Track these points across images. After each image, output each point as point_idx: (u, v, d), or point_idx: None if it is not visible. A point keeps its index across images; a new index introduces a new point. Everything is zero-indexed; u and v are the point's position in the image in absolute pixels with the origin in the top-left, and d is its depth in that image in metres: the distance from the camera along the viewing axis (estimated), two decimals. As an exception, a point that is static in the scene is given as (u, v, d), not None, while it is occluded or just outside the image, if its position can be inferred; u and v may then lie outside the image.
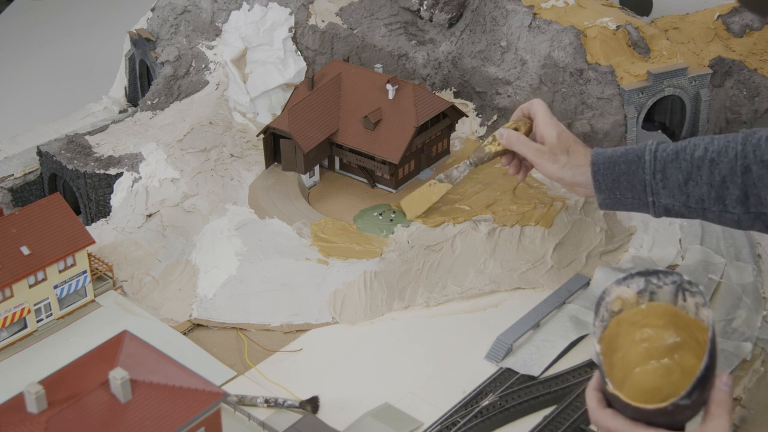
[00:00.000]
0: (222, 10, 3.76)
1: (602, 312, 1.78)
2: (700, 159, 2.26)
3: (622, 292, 1.79)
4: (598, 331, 1.77)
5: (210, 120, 3.49)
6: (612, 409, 1.73)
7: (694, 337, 1.73)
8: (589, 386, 1.78)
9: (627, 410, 1.69)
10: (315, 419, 2.40)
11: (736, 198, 2.22)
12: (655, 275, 1.78)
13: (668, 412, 1.64)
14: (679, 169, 2.29)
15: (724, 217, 2.27)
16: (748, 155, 2.18)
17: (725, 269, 2.89)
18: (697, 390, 1.62)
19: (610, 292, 1.79)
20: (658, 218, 2.45)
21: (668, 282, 1.76)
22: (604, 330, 1.77)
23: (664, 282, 1.77)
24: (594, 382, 1.78)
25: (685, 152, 2.29)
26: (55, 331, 2.73)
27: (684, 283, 1.75)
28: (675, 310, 1.76)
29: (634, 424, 1.69)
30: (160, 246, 3.06)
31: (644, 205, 2.38)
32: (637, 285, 1.79)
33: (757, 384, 2.53)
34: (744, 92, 3.49)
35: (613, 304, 1.79)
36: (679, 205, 2.32)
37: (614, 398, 1.71)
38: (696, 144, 2.29)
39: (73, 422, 1.91)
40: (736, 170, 2.20)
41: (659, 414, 1.65)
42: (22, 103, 4.25)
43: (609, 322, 1.78)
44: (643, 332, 1.76)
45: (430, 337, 2.71)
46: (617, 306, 1.79)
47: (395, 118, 3.20)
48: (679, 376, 1.71)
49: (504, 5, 3.62)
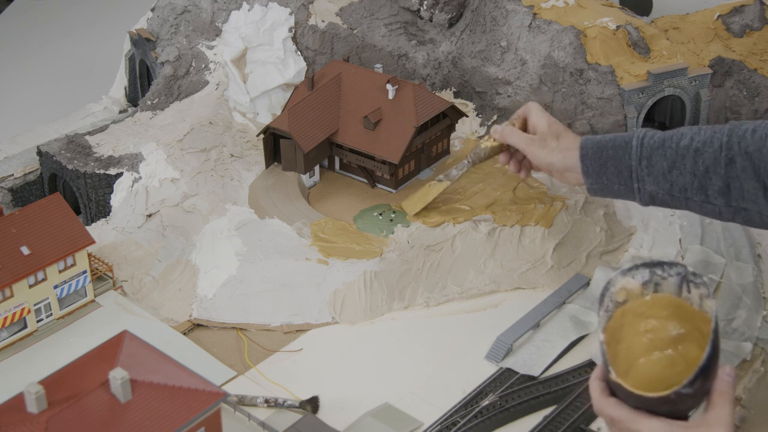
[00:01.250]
0: (222, 10, 3.76)
1: (607, 302, 1.79)
2: (685, 148, 2.27)
3: (627, 283, 1.79)
4: (603, 321, 1.77)
5: (210, 120, 3.49)
6: (615, 398, 1.73)
7: (698, 328, 1.73)
8: (593, 376, 1.79)
9: (630, 399, 1.70)
10: (315, 419, 2.40)
11: (718, 189, 2.22)
12: (660, 266, 1.78)
13: (670, 400, 1.64)
14: (664, 157, 2.30)
15: (706, 207, 2.28)
16: (733, 147, 2.19)
17: (725, 269, 2.89)
18: (699, 379, 1.63)
19: (614, 283, 1.79)
20: (645, 206, 2.47)
21: (673, 273, 1.77)
22: (608, 320, 1.78)
23: (668, 273, 1.77)
24: (597, 372, 1.78)
25: (671, 140, 2.31)
26: (55, 331, 2.73)
27: (688, 274, 1.75)
28: (679, 302, 1.76)
29: (636, 412, 1.69)
30: (160, 246, 3.06)
31: (630, 192, 2.40)
32: (642, 276, 1.79)
33: (757, 384, 2.53)
34: (744, 92, 3.49)
35: (617, 294, 1.79)
36: (663, 193, 2.34)
37: (617, 387, 1.71)
38: (683, 133, 2.30)
39: (73, 422, 1.91)
40: (719, 161, 2.21)
41: (662, 402, 1.66)
42: (22, 103, 4.25)
43: (613, 312, 1.79)
44: (648, 323, 1.76)
45: (430, 337, 2.71)
46: (622, 297, 1.79)
47: (395, 118, 3.20)
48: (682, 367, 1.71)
49: (504, 5, 3.62)
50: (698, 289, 1.74)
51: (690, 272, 1.75)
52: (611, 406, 1.73)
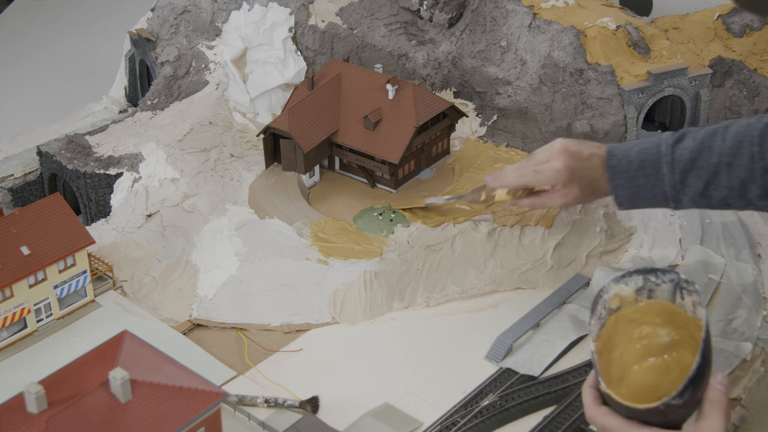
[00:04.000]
0: (222, 10, 3.76)
1: (599, 310, 1.79)
2: (716, 165, 2.22)
3: (620, 290, 1.79)
4: (595, 328, 1.77)
5: (210, 120, 3.49)
6: (607, 407, 1.73)
7: (692, 335, 1.73)
8: (586, 383, 1.78)
9: (620, 409, 1.70)
10: (315, 419, 2.40)
11: (758, 195, 2.21)
12: (653, 273, 1.78)
13: (660, 411, 1.64)
14: (698, 178, 2.25)
15: (749, 208, 2.26)
16: (766, 156, 2.16)
17: (725, 269, 2.89)
18: (689, 389, 1.62)
19: (608, 290, 1.79)
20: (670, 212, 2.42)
21: (666, 280, 1.77)
22: (601, 328, 1.78)
23: (662, 280, 1.77)
24: (590, 379, 1.78)
25: (701, 158, 2.24)
26: (55, 331, 2.73)
27: (681, 281, 1.75)
28: (673, 308, 1.76)
29: (628, 422, 1.69)
30: (160, 246, 3.06)
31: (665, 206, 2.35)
32: (635, 283, 1.79)
33: (757, 384, 2.53)
34: (744, 92, 3.49)
35: (611, 301, 1.79)
36: (703, 206, 2.30)
37: (608, 397, 1.71)
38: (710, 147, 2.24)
39: (73, 422, 1.91)
40: (755, 172, 2.18)
41: (651, 413, 1.65)
42: (22, 103, 4.25)
43: (607, 319, 1.78)
44: (642, 330, 1.76)
45: (430, 337, 2.71)
46: (615, 303, 1.79)
47: (395, 118, 3.20)
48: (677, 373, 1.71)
49: (504, 5, 3.62)
50: (691, 296, 1.74)
51: (683, 279, 1.75)
52: (603, 415, 1.72)
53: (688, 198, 2.28)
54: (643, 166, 2.30)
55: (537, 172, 2.44)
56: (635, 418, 1.68)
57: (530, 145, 3.45)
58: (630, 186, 2.33)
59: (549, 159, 2.44)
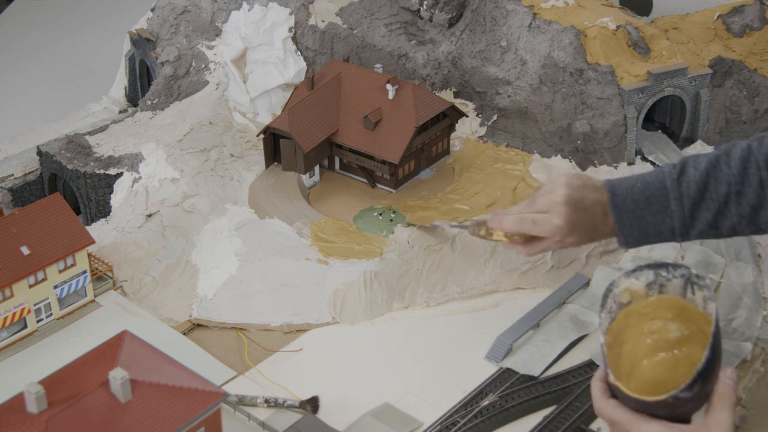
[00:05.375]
0: (222, 10, 3.76)
1: (610, 303, 1.79)
2: (726, 195, 2.18)
3: (631, 284, 1.79)
4: (605, 322, 1.77)
5: (210, 120, 3.49)
6: (615, 400, 1.73)
7: (702, 330, 1.73)
8: (595, 376, 1.79)
9: (629, 402, 1.70)
10: (315, 419, 2.40)
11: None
12: (665, 268, 1.78)
13: (668, 404, 1.64)
14: (707, 210, 2.20)
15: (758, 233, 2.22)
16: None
17: (725, 269, 2.89)
18: (698, 383, 1.62)
19: (618, 284, 1.79)
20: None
21: (677, 275, 1.77)
22: (611, 322, 1.78)
23: (673, 275, 1.77)
24: (599, 372, 1.78)
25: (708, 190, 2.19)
26: (55, 331, 2.73)
27: (692, 276, 1.75)
28: (684, 303, 1.76)
29: (636, 415, 1.69)
30: (160, 246, 3.06)
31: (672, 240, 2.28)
32: (646, 277, 1.79)
33: (757, 384, 2.53)
34: (744, 92, 3.49)
35: (621, 295, 1.79)
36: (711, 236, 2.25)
37: (617, 389, 1.71)
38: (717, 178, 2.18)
39: (73, 422, 1.91)
40: (765, 198, 2.14)
41: (660, 406, 1.65)
42: (22, 103, 4.25)
43: (617, 314, 1.78)
44: (652, 324, 1.76)
45: (430, 337, 2.71)
46: (626, 298, 1.79)
47: (395, 118, 3.20)
48: (686, 368, 1.70)
49: (504, 5, 3.62)
50: (702, 291, 1.74)
51: (694, 274, 1.75)
52: (611, 408, 1.73)
53: (696, 231, 2.22)
54: (650, 204, 2.24)
55: (535, 224, 2.34)
56: (643, 411, 1.68)
57: (530, 145, 3.45)
58: (637, 225, 2.26)
59: (549, 209, 2.33)
